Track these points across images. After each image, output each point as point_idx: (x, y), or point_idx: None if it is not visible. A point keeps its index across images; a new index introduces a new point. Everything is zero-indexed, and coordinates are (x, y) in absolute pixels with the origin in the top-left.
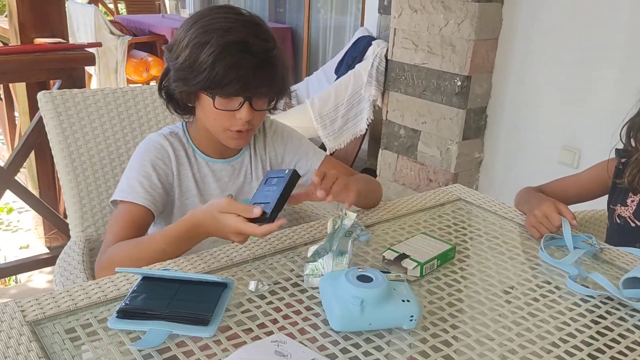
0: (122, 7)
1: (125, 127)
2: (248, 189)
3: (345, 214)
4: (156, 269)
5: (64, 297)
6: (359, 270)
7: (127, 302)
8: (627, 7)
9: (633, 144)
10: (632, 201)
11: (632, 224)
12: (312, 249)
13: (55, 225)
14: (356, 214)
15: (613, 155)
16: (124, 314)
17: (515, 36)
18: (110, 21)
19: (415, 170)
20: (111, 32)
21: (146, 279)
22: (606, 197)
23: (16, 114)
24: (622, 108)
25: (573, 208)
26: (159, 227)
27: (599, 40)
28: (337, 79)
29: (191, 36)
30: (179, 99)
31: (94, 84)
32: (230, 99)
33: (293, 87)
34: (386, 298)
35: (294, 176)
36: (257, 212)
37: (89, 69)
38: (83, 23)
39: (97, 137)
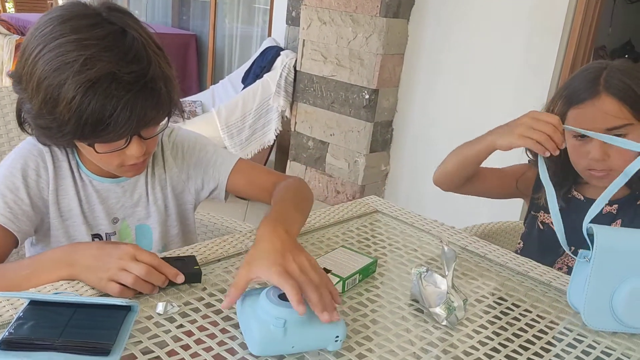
0: (10, 5)
1: (11, 130)
2: (144, 214)
3: None
4: (46, 292)
5: None
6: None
7: (12, 330)
8: (526, 29)
9: (546, 162)
10: None
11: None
12: None
13: None
14: None
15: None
16: (8, 344)
17: (420, 52)
18: None
19: (323, 182)
20: None
21: (34, 303)
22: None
23: None
24: None
25: (487, 217)
26: (38, 249)
27: (499, 59)
28: (244, 88)
29: (41, 70)
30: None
31: None
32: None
33: (197, 97)
34: (310, 318)
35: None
36: (180, 279)
37: None
38: None
39: None
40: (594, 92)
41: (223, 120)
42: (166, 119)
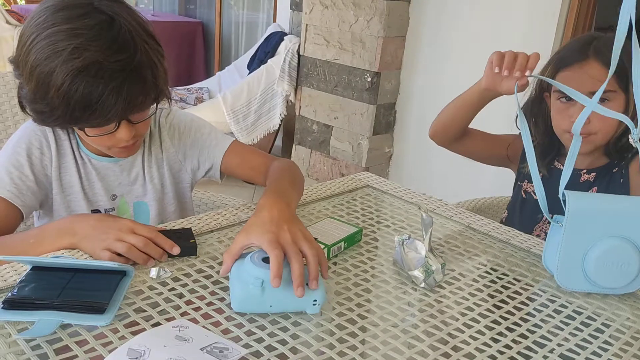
0: None
1: (17, 113)
2: (141, 191)
3: None
4: (47, 257)
5: None
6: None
7: (14, 292)
8: (526, 10)
9: (532, 131)
10: None
11: (535, 197)
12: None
13: None
14: None
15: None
16: (10, 304)
17: (421, 34)
18: (7, 10)
19: (328, 165)
20: (7, 22)
21: (36, 268)
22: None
23: None
24: (522, 102)
25: (478, 193)
26: (43, 222)
27: (499, 39)
28: (249, 74)
29: (34, 58)
30: None
31: None
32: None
33: (204, 83)
34: (289, 280)
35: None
36: (176, 251)
37: None
38: None
39: None
40: (582, 57)
41: (229, 105)
42: (155, 104)
